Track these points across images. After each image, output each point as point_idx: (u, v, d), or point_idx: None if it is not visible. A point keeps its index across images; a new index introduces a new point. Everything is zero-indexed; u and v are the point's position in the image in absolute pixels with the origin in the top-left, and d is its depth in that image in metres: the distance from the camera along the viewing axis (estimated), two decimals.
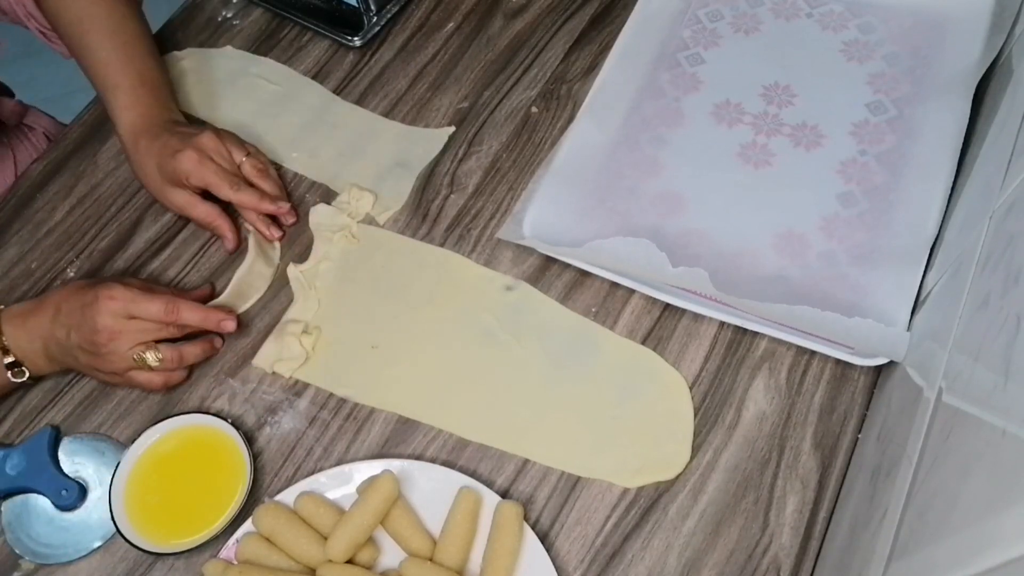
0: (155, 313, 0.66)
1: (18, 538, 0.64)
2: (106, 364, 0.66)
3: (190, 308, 0.67)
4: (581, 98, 0.80)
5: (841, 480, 0.63)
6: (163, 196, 0.74)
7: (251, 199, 0.73)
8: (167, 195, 0.74)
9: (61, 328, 0.65)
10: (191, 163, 0.71)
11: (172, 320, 0.66)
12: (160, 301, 0.66)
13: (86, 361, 0.66)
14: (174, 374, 0.68)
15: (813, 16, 0.83)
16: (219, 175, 0.72)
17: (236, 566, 0.60)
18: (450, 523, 0.60)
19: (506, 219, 0.75)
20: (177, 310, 0.66)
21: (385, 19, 0.89)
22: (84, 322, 0.65)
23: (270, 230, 0.75)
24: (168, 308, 0.66)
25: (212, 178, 0.72)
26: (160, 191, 0.74)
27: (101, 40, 0.76)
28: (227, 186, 0.72)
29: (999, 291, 0.46)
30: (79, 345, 0.65)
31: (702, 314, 0.69)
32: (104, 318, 0.64)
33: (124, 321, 0.65)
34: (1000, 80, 0.71)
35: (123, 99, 0.75)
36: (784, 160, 0.75)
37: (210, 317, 0.68)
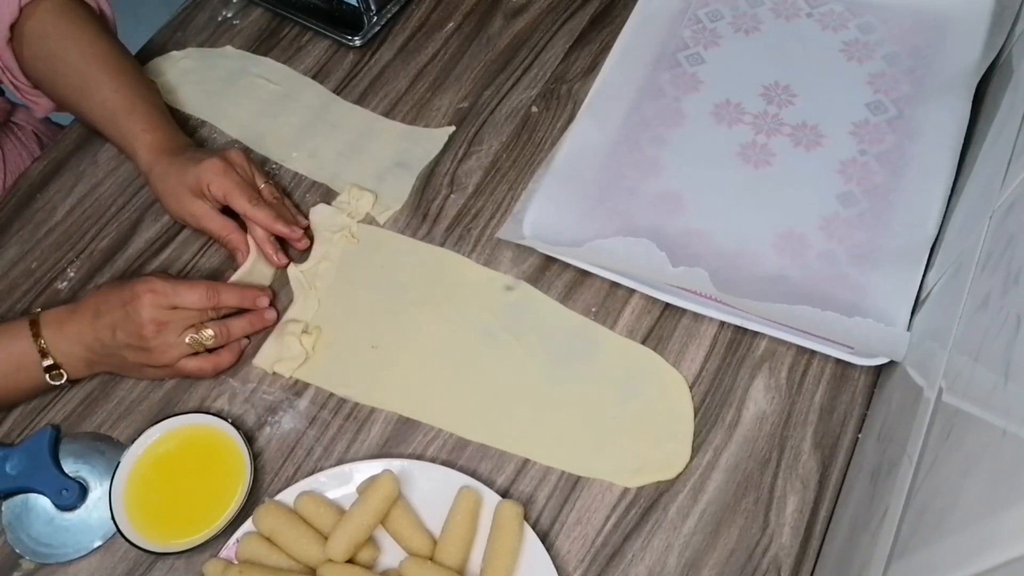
0: (197, 300, 0.67)
1: (18, 538, 0.64)
2: (156, 357, 0.66)
3: (229, 290, 0.69)
4: (581, 98, 0.80)
5: (841, 480, 0.63)
6: (181, 207, 0.73)
7: (266, 217, 0.72)
8: (185, 205, 0.73)
9: (105, 329, 0.66)
10: (216, 170, 0.71)
11: (214, 304, 0.68)
12: (200, 287, 0.67)
13: (135, 358, 0.67)
14: (223, 356, 0.69)
15: (813, 16, 0.83)
16: (241, 187, 0.72)
17: (236, 566, 0.60)
18: (450, 523, 0.60)
19: (506, 219, 0.75)
20: (217, 293, 0.68)
21: (385, 19, 0.89)
22: (129, 319, 0.65)
23: (278, 255, 0.74)
24: (209, 293, 0.68)
25: (234, 188, 0.71)
26: (179, 201, 0.73)
27: (108, 75, 0.76)
28: (247, 199, 0.72)
29: (999, 291, 0.46)
30: (127, 343, 0.66)
31: (702, 314, 0.69)
32: (148, 311, 0.65)
33: (167, 312, 0.66)
34: (1000, 80, 0.71)
35: (141, 123, 0.75)
36: (784, 160, 0.75)
37: (247, 295, 0.70)
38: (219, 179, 0.71)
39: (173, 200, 0.74)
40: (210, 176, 0.71)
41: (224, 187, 0.71)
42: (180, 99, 0.86)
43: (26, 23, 0.77)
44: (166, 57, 0.89)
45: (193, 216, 0.73)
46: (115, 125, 0.76)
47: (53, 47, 0.77)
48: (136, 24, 1.03)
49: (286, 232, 0.73)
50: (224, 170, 0.71)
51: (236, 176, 0.72)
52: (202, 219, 0.73)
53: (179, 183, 0.72)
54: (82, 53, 0.77)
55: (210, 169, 0.71)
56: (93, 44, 0.78)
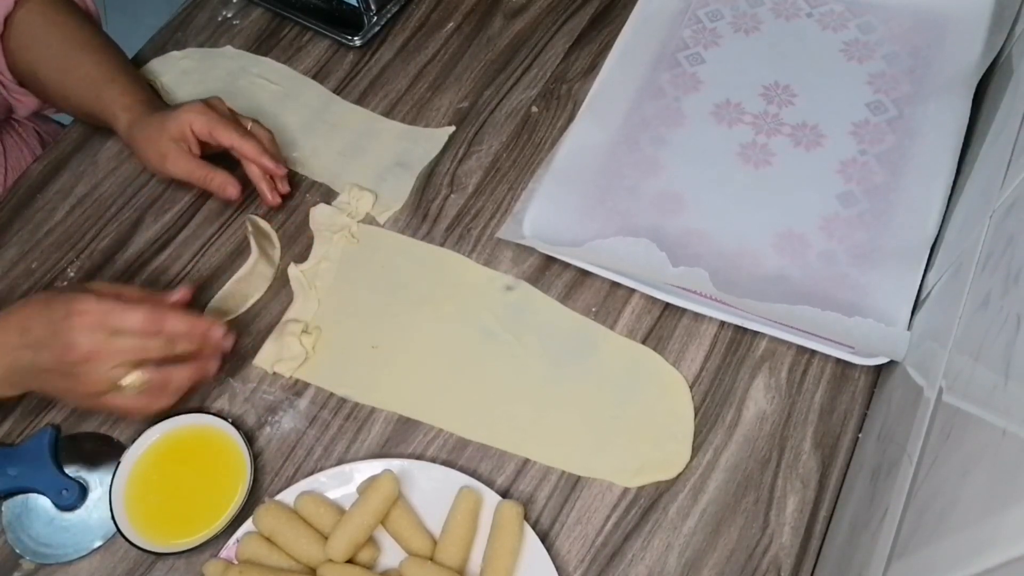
0: (136, 323, 0.58)
1: (18, 538, 0.64)
2: (80, 386, 0.58)
3: (176, 315, 0.60)
4: (581, 98, 0.80)
5: (841, 480, 0.63)
6: (163, 159, 0.73)
7: (254, 148, 0.72)
8: (168, 155, 0.72)
9: (28, 350, 0.58)
10: (197, 110, 0.71)
11: (156, 330, 0.59)
12: (141, 310, 0.59)
13: (56, 383, 0.59)
14: (158, 400, 0.61)
15: (813, 16, 0.83)
16: (224, 121, 0.72)
17: (236, 566, 0.60)
18: (450, 523, 0.60)
19: (506, 219, 0.75)
20: (161, 317, 0.59)
21: (385, 19, 0.89)
22: (56, 340, 0.57)
23: (272, 193, 0.75)
24: (151, 316, 0.59)
25: (217, 123, 0.71)
26: (161, 153, 0.73)
27: (90, 52, 0.78)
28: (233, 130, 0.72)
29: (999, 291, 0.46)
30: (50, 367, 0.58)
31: (702, 314, 0.69)
32: (79, 336, 0.57)
33: (103, 338, 0.57)
34: (1000, 80, 0.71)
35: (120, 87, 0.76)
36: (784, 160, 0.75)
37: (198, 325, 0.61)
38: (201, 117, 0.71)
39: (154, 152, 0.73)
40: (191, 116, 0.71)
41: (208, 124, 0.71)
42: (180, 99, 0.86)
43: (16, 13, 0.78)
44: (166, 57, 0.89)
45: (176, 164, 0.73)
46: (96, 95, 0.76)
47: (38, 34, 0.78)
48: (136, 24, 1.03)
49: (271, 167, 0.73)
50: (204, 110, 0.72)
51: (217, 114, 0.72)
52: (184, 166, 0.73)
53: (160, 133, 0.72)
54: (66, 37, 0.78)
55: (191, 110, 0.71)
56: (78, 29, 0.79)
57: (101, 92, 0.76)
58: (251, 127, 0.75)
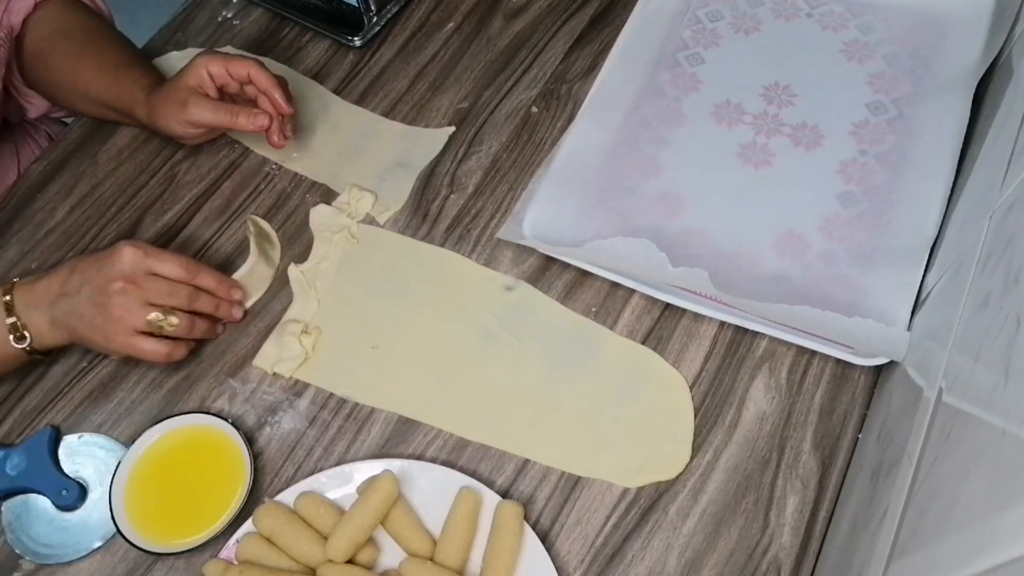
0: (173, 270, 0.66)
1: (18, 538, 0.64)
2: (112, 320, 0.64)
3: (208, 271, 0.69)
4: (581, 98, 0.80)
5: (841, 480, 0.63)
6: (184, 110, 0.74)
7: (269, 80, 0.74)
8: (192, 105, 0.74)
9: (73, 284, 0.65)
10: (209, 54, 0.75)
11: (190, 279, 0.67)
12: (180, 260, 0.67)
13: (91, 316, 0.64)
14: (179, 347, 0.67)
15: (813, 16, 0.83)
16: (237, 58, 0.75)
17: (236, 566, 0.60)
18: (450, 523, 0.60)
19: (506, 219, 0.75)
20: (197, 269, 0.67)
21: (385, 19, 0.89)
22: (100, 271, 0.64)
23: (279, 136, 0.76)
24: (188, 266, 0.67)
25: (232, 59, 0.74)
26: (184, 105, 0.74)
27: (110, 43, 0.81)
28: (248, 63, 0.74)
29: (999, 291, 0.46)
30: (90, 298, 0.64)
31: (702, 314, 0.69)
32: (123, 265, 0.64)
33: (141, 274, 0.65)
34: (1000, 80, 0.71)
35: (140, 71, 0.79)
36: (784, 160, 0.75)
37: (224, 282, 0.70)
38: (215, 58, 0.74)
39: (175, 105, 0.75)
40: (205, 60, 0.74)
41: (223, 61, 0.74)
42: None
43: (34, 14, 0.81)
44: (166, 57, 0.89)
45: (198, 109, 0.74)
46: (114, 78, 0.78)
47: (59, 27, 0.81)
48: (136, 24, 1.03)
49: (281, 102, 0.75)
50: (214, 53, 0.75)
51: (226, 55, 0.75)
52: (206, 109, 0.74)
53: (177, 88, 0.75)
54: (84, 31, 0.81)
55: (204, 55, 0.75)
56: (95, 26, 0.83)
57: (119, 76, 0.78)
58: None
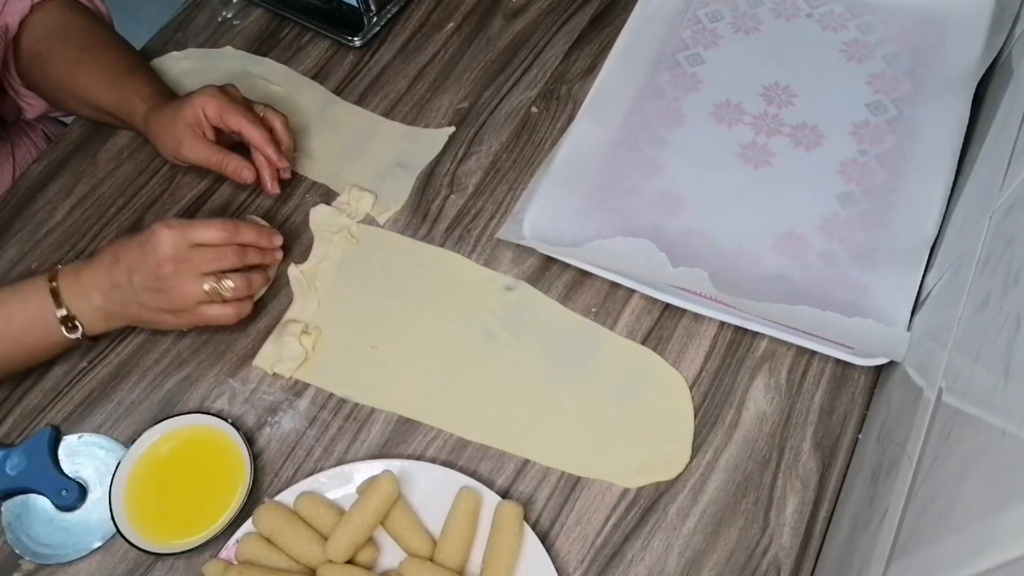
0: (214, 235, 0.66)
1: (18, 538, 0.64)
2: (175, 300, 0.65)
3: (246, 225, 0.68)
4: (581, 98, 0.80)
5: (841, 480, 0.63)
6: (179, 144, 0.74)
7: (260, 136, 0.74)
8: (183, 141, 0.74)
9: (122, 274, 0.64)
10: (210, 93, 0.73)
11: (232, 238, 0.67)
12: (217, 222, 0.66)
13: (153, 302, 0.65)
14: (244, 304, 0.68)
15: (813, 16, 0.83)
16: (235, 106, 0.73)
17: (236, 566, 0.60)
18: (450, 523, 0.60)
19: (506, 219, 0.75)
20: (236, 227, 0.67)
21: (385, 19, 0.89)
22: (145, 258, 0.64)
23: (273, 183, 0.76)
24: (227, 225, 0.66)
25: (228, 106, 0.73)
26: (177, 138, 0.74)
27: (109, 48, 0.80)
28: (242, 115, 0.73)
29: (999, 291, 0.46)
30: (144, 286, 0.64)
31: (702, 314, 0.69)
32: (166, 248, 0.64)
33: (186, 250, 0.64)
34: (1000, 80, 0.71)
35: (139, 79, 0.78)
36: (784, 160, 0.75)
37: (263, 232, 0.70)
38: (213, 101, 0.73)
39: (170, 137, 0.74)
40: (204, 100, 0.73)
41: (219, 107, 0.73)
42: None
43: (32, 16, 0.80)
44: (166, 57, 0.89)
45: (191, 149, 0.74)
46: (113, 85, 0.78)
47: (57, 29, 0.80)
48: (136, 24, 1.03)
49: (274, 158, 0.74)
50: (217, 94, 0.73)
51: (229, 99, 0.74)
52: (199, 151, 0.74)
53: (175, 119, 0.74)
54: (83, 34, 0.80)
55: (204, 94, 0.73)
56: (93, 28, 0.82)
57: (119, 83, 0.77)
58: (264, 112, 0.76)
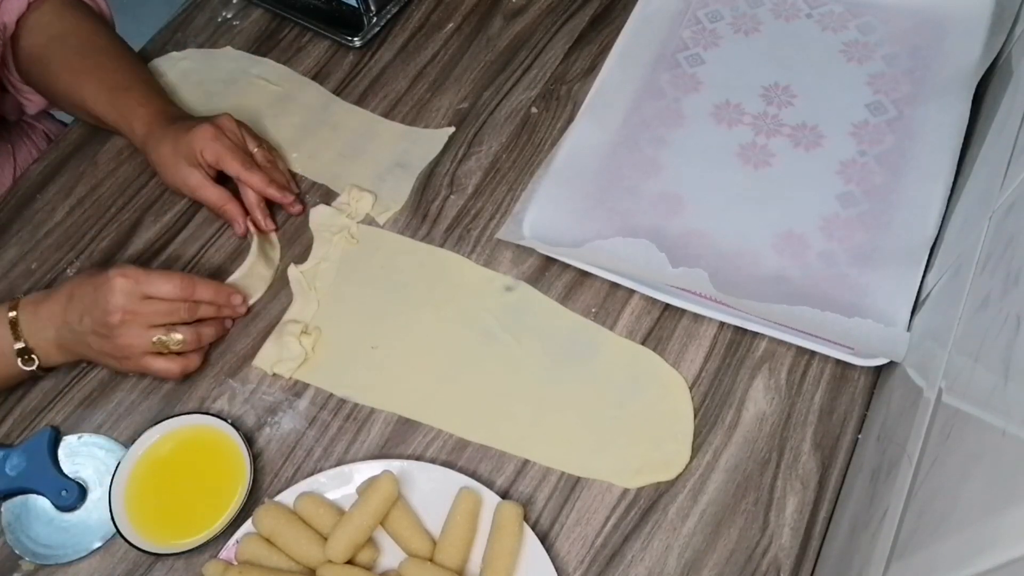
0: (170, 290, 0.66)
1: (18, 538, 0.64)
2: (120, 348, 0.65)
3: (204, 283, 0.68)
4: (581, 98, 0.80)
5: (841, 480, 0.63)
6: (177, 177, 0.74)
7: (259, 181, 0.74)
8: (181, 174, 0.74)
9: (74, 313, 0.65)
10: (206, 136, 0.72)
11: (188, 295, 0.66)
12: (174, 277, 0.66)
13: (99, 346, 0.65)
14: (191, 359, 0.68)
15: (813, 16, 0.83)
16: (233, 151, 0.73)
17: (236, 566, 0.60)
18: (450, 523, 0.60)
19: (506, 219, 0.75)
20: (192, 285, 0.67)
21: (385, 19, 0.89)
22: (97, 303, 0.64)
23: (266, 220, 0.76)
24: (183, 283, 0.66)
25: (225, 152, 0.73)
26: (175, 172, 0.74)
27: (108, 56, 0.79)
28: (239, 163, 0.73)
29: (999, 291, 0.46)
30: (92, 329, 0.64)
31: (702, 314, 0.69)
32: (117, 297, 0.64)
33: (138, 301, 0.64)
34: (1000, 80, 0.71)
35: (136, 97, 0.77)
36: (784, 160, 0.75)
37: (222, 291, 0.70)
38: (211, 144, 0.72)
39: (169, 170, 0.75)
40: (202, 142, 0.72)
41: (216, 152, 0.72)
42: (180, 100, 0.86)
43: (31, 16, 0.79)
44: (166, 58, 0.89)
45: (188, 186, 0.74)
46: (111, 102, 0.77)
47: (54, 34, 0.79)
48: (136, 24, 1.03)
49: (278, 197, 0.75)
50: (215, 135, 0.73)
51: (228, 141, 0.73)
52: (197, 189, 0.74)
53: (174, 153, 0.74)
54: (82, 40, 0.79)
55: (202, 135, 0.72)
56: (94, 32, 0.80)
57: (117, 100, 0.77)
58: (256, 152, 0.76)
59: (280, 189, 0.75)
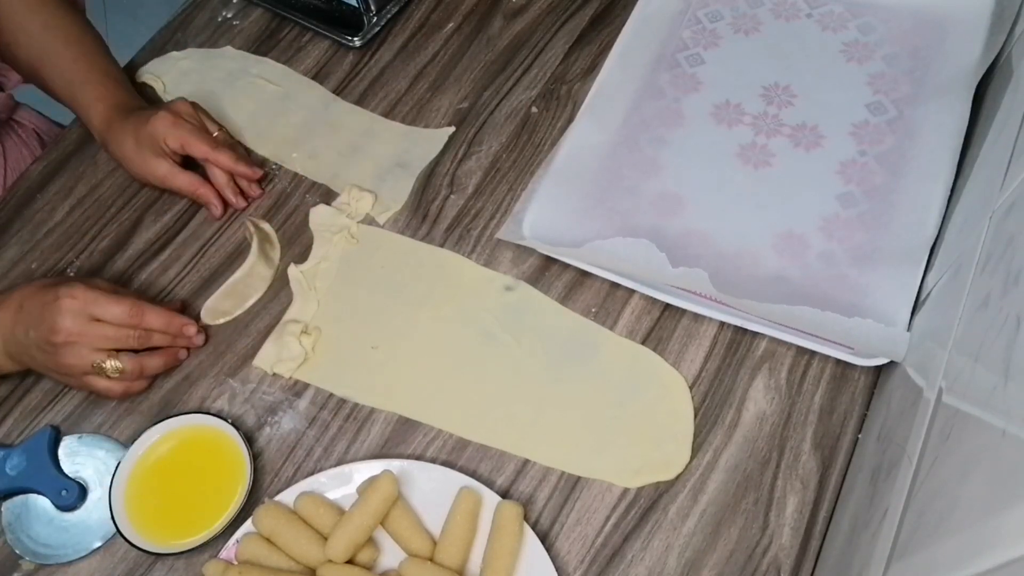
0: (118, 315, 0.64)
1: (18, 538, 0.64)
2: (61, 367, 0.65)
3: (155, 311, 0.67)
4: (581, 98, 0.80)
5: (841, 480, 0.63)
6: (144, 169, 0.74)
7: (228, 160, 0.74)
8: (148, 166, 0.74)
9: (20, 325, 0.64)
10: (166, 123, 0.72)
11: (135, 323, 0.65)
12: (125, 303, 0.65)
13: (42, 360, 0.65)
14: (134, 384, 0.68)
15: (813, 16, 0.83)
16: (195, 133, 0.73)
17: (236, 566, 0.60)
18: (450, 523, 0.60)
19: (506, 219, 0.75)
20: (141, 312, 0.65)
21: (385, 19, 0.89)
22: (43, 321, 0.63)
23: (237, 198, 0.76)
24: (132, 310, 0.65)
25: (188, 136, 0.72)
26: (141, 165, 0.74)
27: (66, 46, 0.78)
28: (206, 144, 0.73)
29: (999, 291, 0.46)
30: (36, 343, 0.64)
31: (702, 314, 0.69)
32: (64, 319, 0.63)
33: (84, 323, 0.63)
34: (1000, 80, 0.71)
35: (93, 91, 0.76)
36: (784, 160, 0.75)
37: (174, 322, 0.68)
38: (173, 131, 0.72)
39: (135, 163, 0.75)
40: (163, 130, 0.72)
41: (180, 137, 0.72)
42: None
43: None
44: (166, 57, 0.89)
45: (157, 177, 0.74)
46: (71, 95, 0.77)
47: (18, 19, 0.78)
48: (136, 24, 1.03)
49: (248, 172, 0.75)
50: (174, 122, 0.72)
51: (188, 125, 0.73)
52: (167, 178, 0.74)
53: (136, 145, 0.73)
54: (44, 24, 0.78)
55: (161, 123, 0.72)
56: (55, 16, 0.79)
57: (75, 94, 0.76)
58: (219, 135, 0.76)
59: (249, 164, 0.75)
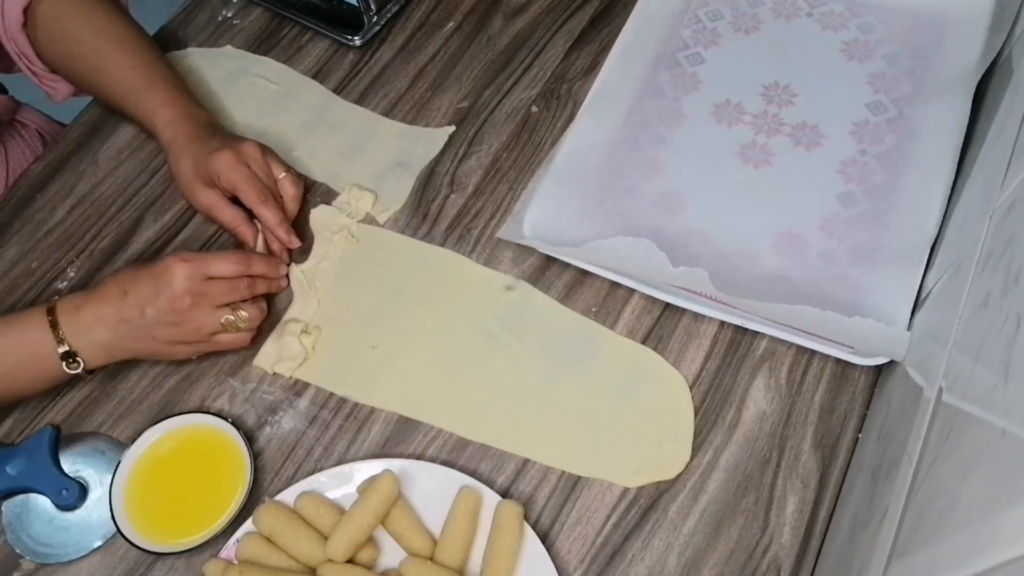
0: (229, 268, 0.67)
1: (18, 538, 0.64)
2: (190, 332, 0.66)
3: (258, 258, 0.70)
4: (581, 98, 0.80)
5: (841, 480, 0.63)
6: (192, 193, 0.74)
7: (272, 217, 0.72)
8: (196, 193, 0.73)
9: (132, 308, 0.64)
10: (226, 163, 0.71)
11: (246, 270, 0.68)
12: (231, 256, 0.67)
13: (166, 335, 0.65)
14: (250, 333, 0.70)
15: (813, 16, 0.83)
16: (250, 182, 0.71)
17: (236, 566, 0.60)
18: (450, 523, 0.60)
19: (506, 219, 0.75)
20: (249, 261, 0.68)
21: (385, 19, 0.89)
22: (160, 292, 0.64)
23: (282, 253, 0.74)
24: (240, 260, 0.68)
25: (243, 183, 0.71)
26: (191, 188, 0.74)
27: (124, 52, 0.77)
28: (255, 195, 0.71)
29: (999, 291, 0.46)
30: (158, 319, 0.64)
31: (702, 314, 0.69)
32: (181, 281, 0.64)
33: (201, 283, 0.65)
34: (1000, 80, 0.71)
35: (160, 97, 0.75)
36: (784, 160, 0.75)
37: (273, 263, 0.72)
38: (229, 172, 0.71)
39: (186, 186, 0.74)
40: (220, 168, 0.71)
41: (233, 181, 0.71)
42: None
43: (39, 6, 0.78)
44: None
45: (202, 206, 0.74)
46: (134, 103, 0.76)
47: (67, 27, 0.77)
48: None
49: (284, 238, 0.73)
50: (234, 164, 0.71)
51: (246, 171, 0.71)
52: (212, 209, 0.74)
53: (192, 171, 0.73)
54: (96, 32, 0.77)
55: (222, 162, 0.71)
56: (108, 22, 0.78)
57: (139, 100, 0.75)
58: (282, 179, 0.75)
59: (288, 232, 0.73)
